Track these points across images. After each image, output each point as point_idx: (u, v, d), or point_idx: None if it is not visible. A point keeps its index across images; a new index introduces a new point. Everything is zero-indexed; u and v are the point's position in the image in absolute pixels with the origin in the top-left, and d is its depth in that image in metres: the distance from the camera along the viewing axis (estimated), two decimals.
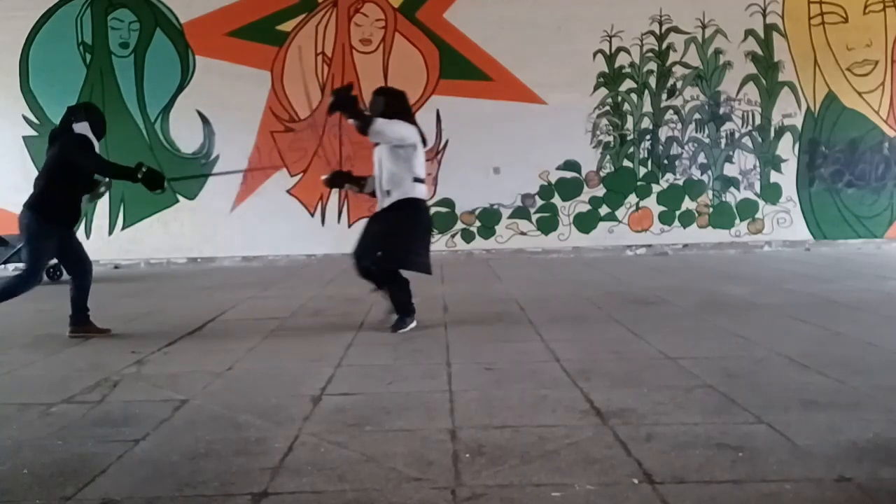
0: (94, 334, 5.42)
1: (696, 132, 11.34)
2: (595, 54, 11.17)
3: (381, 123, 5.11)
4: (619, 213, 11.31)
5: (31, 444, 3.12)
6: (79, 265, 5.47)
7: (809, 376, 3.88)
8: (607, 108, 11.28)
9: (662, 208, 11.33)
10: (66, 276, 9.56)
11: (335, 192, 11.07)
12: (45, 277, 9.19)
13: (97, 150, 5.38)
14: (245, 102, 10.87)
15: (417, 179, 5.30)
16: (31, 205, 5.26)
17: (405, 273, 5.44)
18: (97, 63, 11.07)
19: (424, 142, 5.43)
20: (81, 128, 5.31)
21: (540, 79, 10.94)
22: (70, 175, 5.27)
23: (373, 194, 5.53)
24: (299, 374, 4.20)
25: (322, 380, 4.04)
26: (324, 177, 5.85)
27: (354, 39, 11.12)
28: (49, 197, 5.24)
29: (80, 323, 5.45)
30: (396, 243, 5.25)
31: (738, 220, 11.37)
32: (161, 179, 5.39)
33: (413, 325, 5.39)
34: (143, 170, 5.28)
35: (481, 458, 2.81)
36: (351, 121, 5.20)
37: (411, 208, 5.30)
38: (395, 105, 5.32)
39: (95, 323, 5.49)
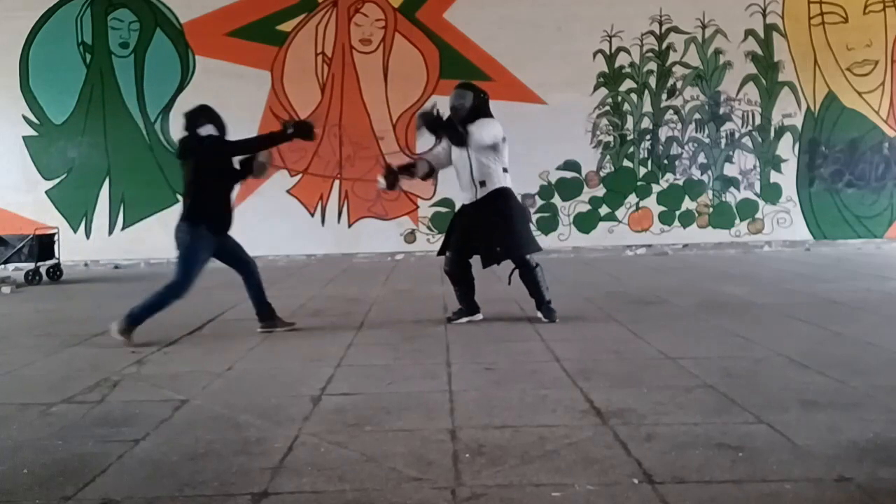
0: (281, 328, 5.50)
1: (696, 132, 11.34)
2: (595, 54, 11.17)
3: (478, 135, 5.40)
4: (619, 213, 11.31)
5: (31, 444, 3.12)
6: (242, 265, 5.50)
7: (809, 376, 3.88)
8: (607, 108, 11.27)
9: (662, 208, 11.32)
10: (66, 275, 9.68)
11: (335, 192, 11.10)
12: (45, 277, 9.35)
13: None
14: (245, 102, 10.84)
15: (506, 170, 5.62)
16: (184, 216, 5.27)
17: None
18: (97, 63, 11.07)
19: None
20: (207, 130, 5.26)
21: (540, 79, 10.93)
22: (214, 180, 5.26)
23: (426, 177, 5.76)
24: (299, 374, 4.20)
25: (322, 380, 4.04)
26: (381, 183, 5.70)
27: (354, 39, 11.12)
28: (200, 205, 5.23)
29: (266, 318, 5.52)
30: (512, 233, 5.51)
31: (738, 220, 11.36)
32: (310, 128, 5.40)
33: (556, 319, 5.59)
34: (290, 131, 5.31)
35: (481, 458, 2.81)
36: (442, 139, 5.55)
37: (505, 198, 5.56)
38: (484, 102, 5.58)
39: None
